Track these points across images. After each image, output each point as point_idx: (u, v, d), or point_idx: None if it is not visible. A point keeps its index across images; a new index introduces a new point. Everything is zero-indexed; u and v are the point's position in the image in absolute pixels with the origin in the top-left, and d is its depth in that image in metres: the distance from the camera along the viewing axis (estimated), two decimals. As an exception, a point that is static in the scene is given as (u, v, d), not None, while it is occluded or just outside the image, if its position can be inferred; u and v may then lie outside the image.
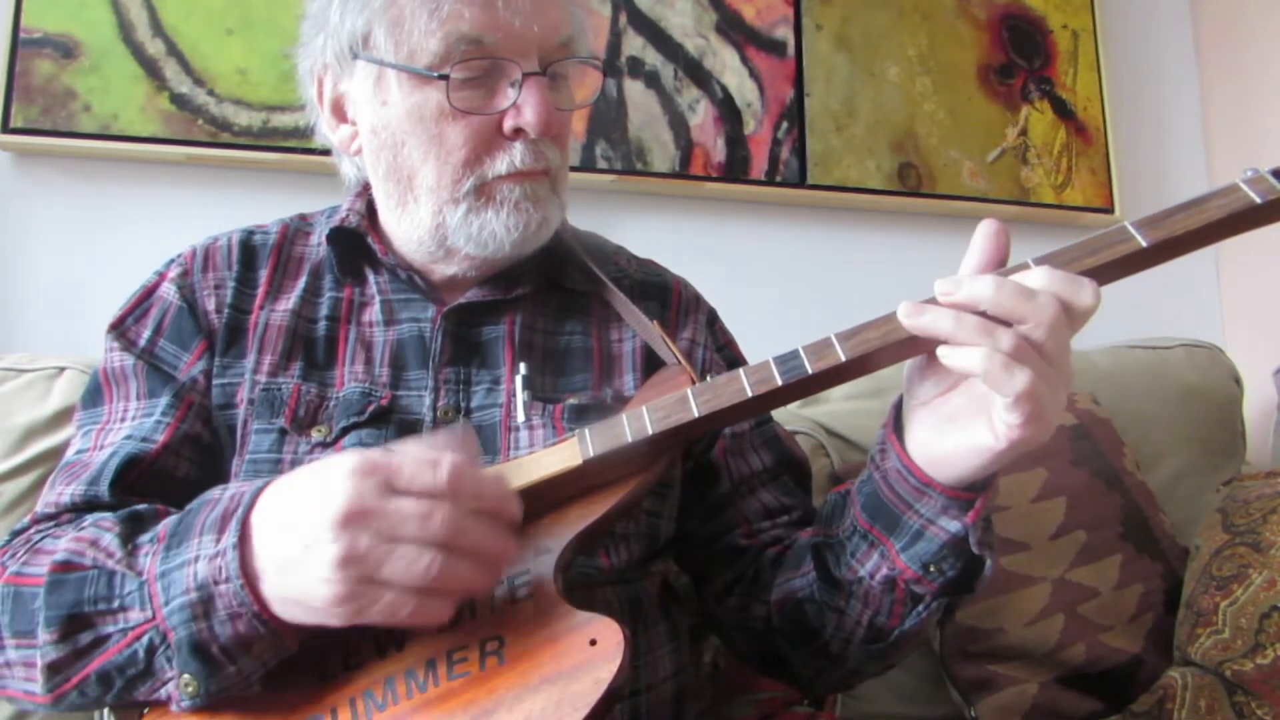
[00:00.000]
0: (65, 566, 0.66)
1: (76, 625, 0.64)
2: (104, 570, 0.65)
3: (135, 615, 0.63)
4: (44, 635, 0.64)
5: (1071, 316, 0.59)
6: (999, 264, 0.63)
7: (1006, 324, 0.59)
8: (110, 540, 0.67)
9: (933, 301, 0.61)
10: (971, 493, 0.67)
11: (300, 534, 0.59)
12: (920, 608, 0.73)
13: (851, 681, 0.85)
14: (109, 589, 0.64)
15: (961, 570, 0.70)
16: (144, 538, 0.67)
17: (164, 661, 0.63)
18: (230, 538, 0.61)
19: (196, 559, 0.61)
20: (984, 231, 0.63)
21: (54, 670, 0.65)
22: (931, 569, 0.69)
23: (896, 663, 0.82)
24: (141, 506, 0.72)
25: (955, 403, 0.65)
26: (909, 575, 0.70)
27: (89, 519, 0.72)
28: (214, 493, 0.66)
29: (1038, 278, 0.59)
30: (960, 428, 0.64)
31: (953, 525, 0.67)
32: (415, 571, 0.57)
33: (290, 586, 0.59)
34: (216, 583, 0.60)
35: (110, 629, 0.64)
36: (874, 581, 0.73)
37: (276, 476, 0.64)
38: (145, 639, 0.63)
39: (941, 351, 0.60)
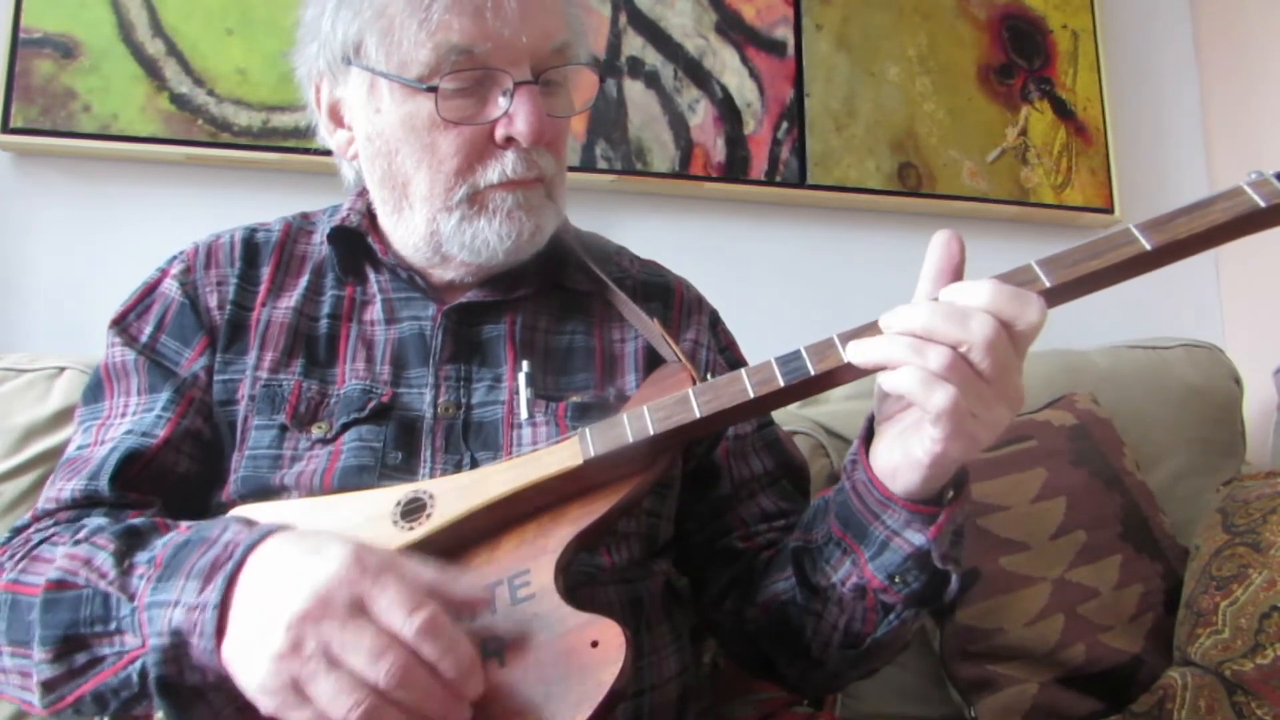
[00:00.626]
0: (59, 585, 0.65)
1: (72, 646, 0.64)
2: (98, 591, 0.64)
3: (130, 640, 0.63)
4: (39, 653, 0.64)
5: (1015, 334, 0.60)
6: (954, 271, 0.64)
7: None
8: (104, 559, 0.66)
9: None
10: (936, 507, 0.67)
11: (264, 611, 0.57)
12: (891, 617, 0.73)
13: (836, 684, 0.85)
14: (105, 610, 0.64)
15: (927, 583, 0.70)
16: (141, 557, 0.65)
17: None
18: (214, 595, 0.59)
19: (176, 604, 0.60)
20: (935, 242, 0.65)
21: (49, 688, 0.64)
22: (896, 580, 0.70)
23: (879, 668, 0.83)
24: (138, 520, 0.70)
25: (911, 416, 0.65)
26: (875, 584, 0.71)
27: (87, 525, 0.71)
28: (215, 528, 0.64)
29: (980, 295, 0.60)
30: (905, 440, 0.65)
31: (916, 538, 0.68)
32: (338, 704, 0.55)
33: (235, 657, 0.58)
34: (189, 634, 0.59)
35: (106, 651, 0.63)
36: (845, 589, 0.74)
37: (275, 530, 0.62)
38: (139, 663, 0.62)
39: (880, 377, 0.62)
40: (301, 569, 0.58)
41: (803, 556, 0.77)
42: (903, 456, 0.65)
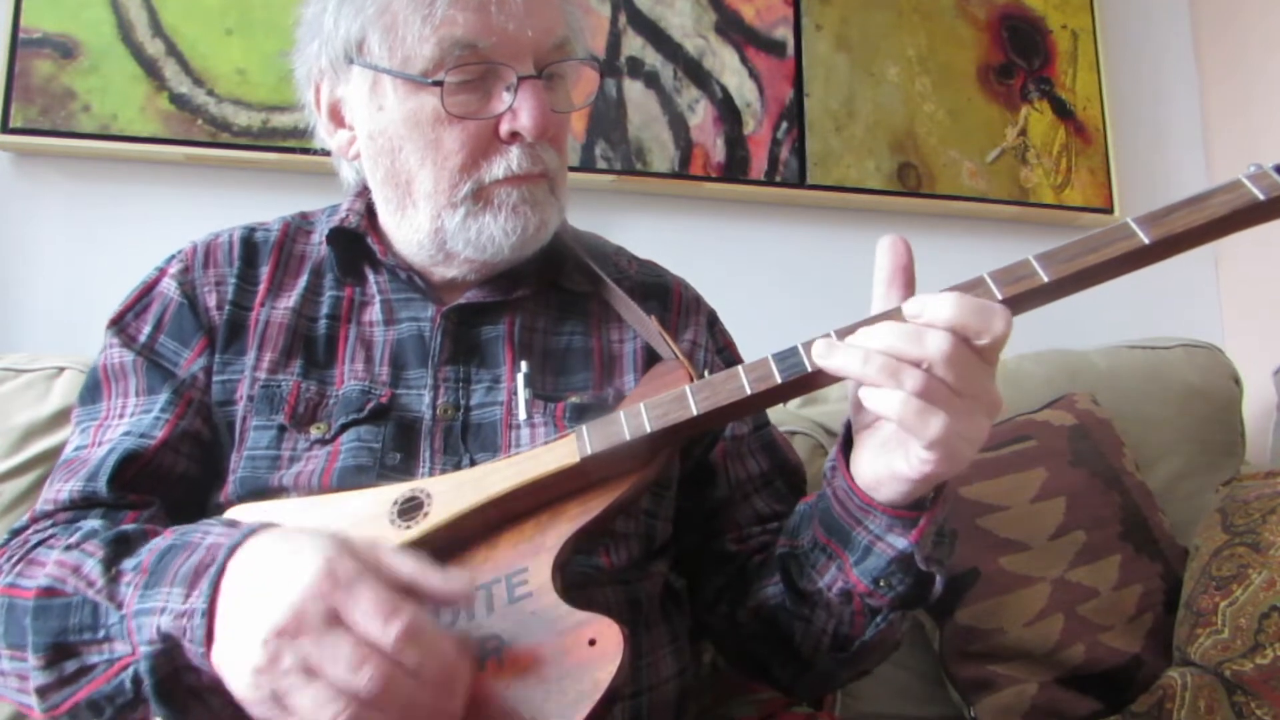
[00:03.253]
0: (49, 592, 0.65)
1: (61, 654, 0.64)
2: (87, 600, 0.64)
3: (120, 647, 0.62)
4: (32, 660, 0.64)
5: (980, 348, 0.60)
6: (904, 271, 0.65)
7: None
8: (92, 567, 0.65)
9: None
10: (916, 511, 0.67)
11: (243, 624, 0.57)
12: (879, 619, 0.74)
13: (829, 685, 0.86)
14: (94, 618, 0.64)
15: (913, 585, 0.70)
16: (128, 564, 0.65)
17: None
18: (200, 601, 0.59)
19: (163, 610, 0.60)
20: (881, 246, 0.66)
21: (43, 695, 0.64)
22: (881, 583, 0.71)
23: (870, 668, 0.83)
24: (130, 527, 0.70)
25: (888, 429, 0.65)
26: (861, 589, 0.72)
27: (80, 530, 0.71)
28: (196, 533, 0.64)
29: (943, 310, 0.59)
30: (887, 453, 0.65)
31: (899, 542, 0.68)
32: (320, 716, 0.54)
33: (222, 664, 0.58)
34: (179, 639, 0.59)
35: (96, 659, 0.63)
36: (832, 593, 0.74)
37: (255, 530, 0.62)
38: (130, 670, 0.62)
39: (861, 393, 0.61)
40: (277, 577, 0.57)
41: (789, 562, 0.78)
42: (886, 470, 0.65)
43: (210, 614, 0.58)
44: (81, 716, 0.65)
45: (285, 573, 0.57)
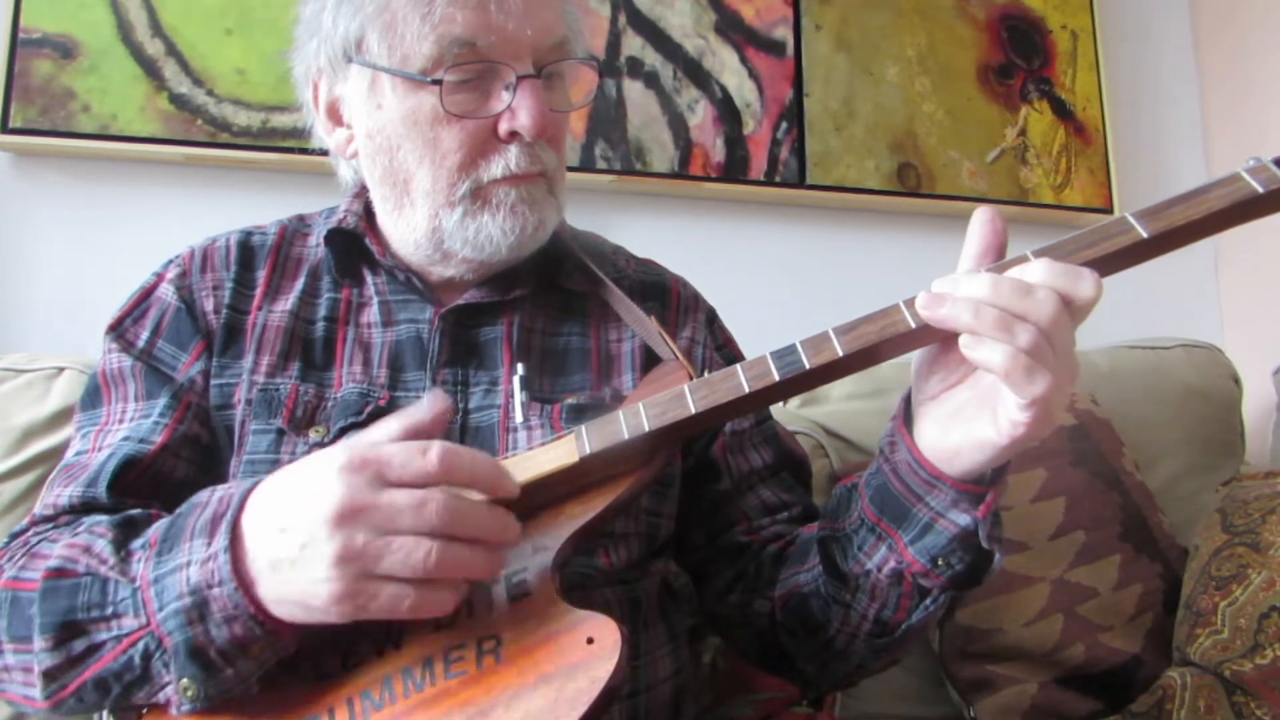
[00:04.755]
0: (59, 573, 0.66)
1: (70, 633, 0.64)
2: (97, 577, 0.65)
3: (129, 622, 0.63)
4: (39, 642, 0.64)
5: (1073, 310, 0.59)
6: (997, 251, 0.63)
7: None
8: (103, 546, 0.66)
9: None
10: (981, 486, 0.66)
11: (295, 534, 0.58)
12: (928, 601, 0.72)
13: (855, 677, 0.84)
14: (102, 596, 0.64)
15: (969, 563, 0.69)
16: (136, 543, 0.66)
17: (160, 667, 0.63)
18: (221, 540, 0.60)
19: (189, 564, 0.61)
20: (979, 219, 0.63)
21: (50, 677, 0.64)
22: (940, 562, 0.69)
23: (900, 658, 0.82)
24: (135, 511, 0.72)
25: (961, 397, 0.64)
26: (916, 568, 0.70)
27: (85, 522, 0.72)
28: (203, 495, 0.66)
29: (1036, 271, 0.59)
30: (965, 422, 0.63)
31: (963, 519, 0.67)
32: (414, 563, 0.57)
33: (288, 586, 0.59)
34: (210, 586, 0.60)
35: (104, 636, 0.64)
36: (881, 574, 0.72)
37: (265, 476, 0.64)
38: (140, 645, 0.62)
39: (964, 342, 0.59)
40: (307, 485, 0.60)
41: (830, 545, 0.76)
42: (966, 439, 0.63)
43: (234, 549, 0.60)
44: (87, 698, 0.65)
45: (311, 477, 0.60)
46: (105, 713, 0.70)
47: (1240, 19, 1.94)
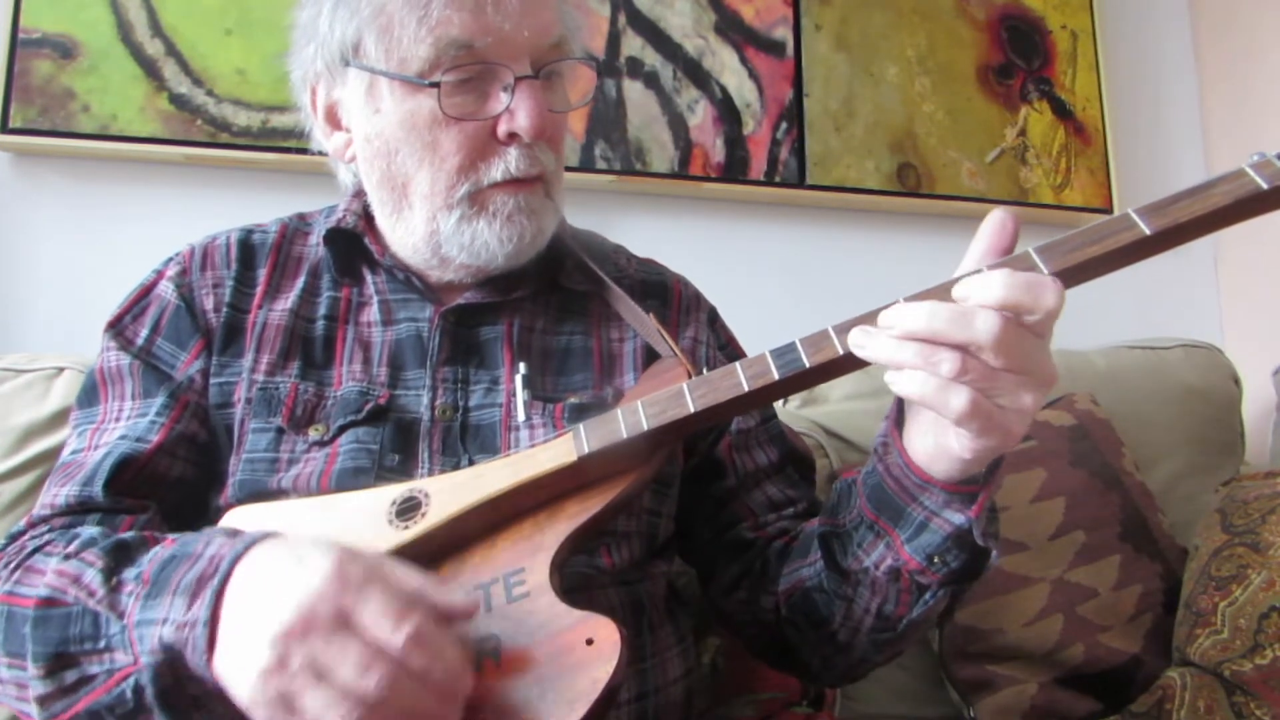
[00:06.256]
0: (49, 602, 0.65)
1: (62, 664, 0.64)
2: (87, 610, 0.64)
3: (121, 657, 0.62)
4: (32, 669, 0.64)
5: (1033, 322, 0.58)
6: (1003, 254, 0.62)
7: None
8: (92, 577, 0.65)
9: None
10: (973, 486, 0.66)
11: (250, 629, 0.57)
12: (927, 596, 0.72)
13: (859, 670, 0.85)
14: (94, 629, 0.64)
15: (965, 560, 0.70)
16: (129, 574, 0.65)
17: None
18: (203, 611, 0.59)
19: (165, 621, 0.60)
20: (993, 221, 0.62)
21: (43, 704, 0.64)
22: (935, 560, 0.69)
23: (904, 650, 0.82)
24: (128, 535, 0.70)
25: None
26: (913, 566, 0.70)
27: (79, 538, 0.71)
28: (198, 543, 0.64)
29: (988, 289, 0.58)
30: (941, 432, 0.64)
31: (956, 518, 0.67)
32: (328, 717, 0.55)
33: (226, 671, 0.58)
34: (181, 649, 0.59)
35: (96, 669, 0.63)
36: (879, 571, 0.72)
37: (259, 540, 0.62)
38: (131, 680, 0.62)
39: (888, 377, 0.60)
40: (285, 582, 0.58)
41: (831, 541, 0.76)
42: (937, 448, 0.64)
43: (213, 624, 0.59)
44: None
45: (292, 577, 0.58)
46: None
47: (1240, 19, 1.94)
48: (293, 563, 0.59)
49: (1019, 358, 0.58)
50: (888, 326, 0.60)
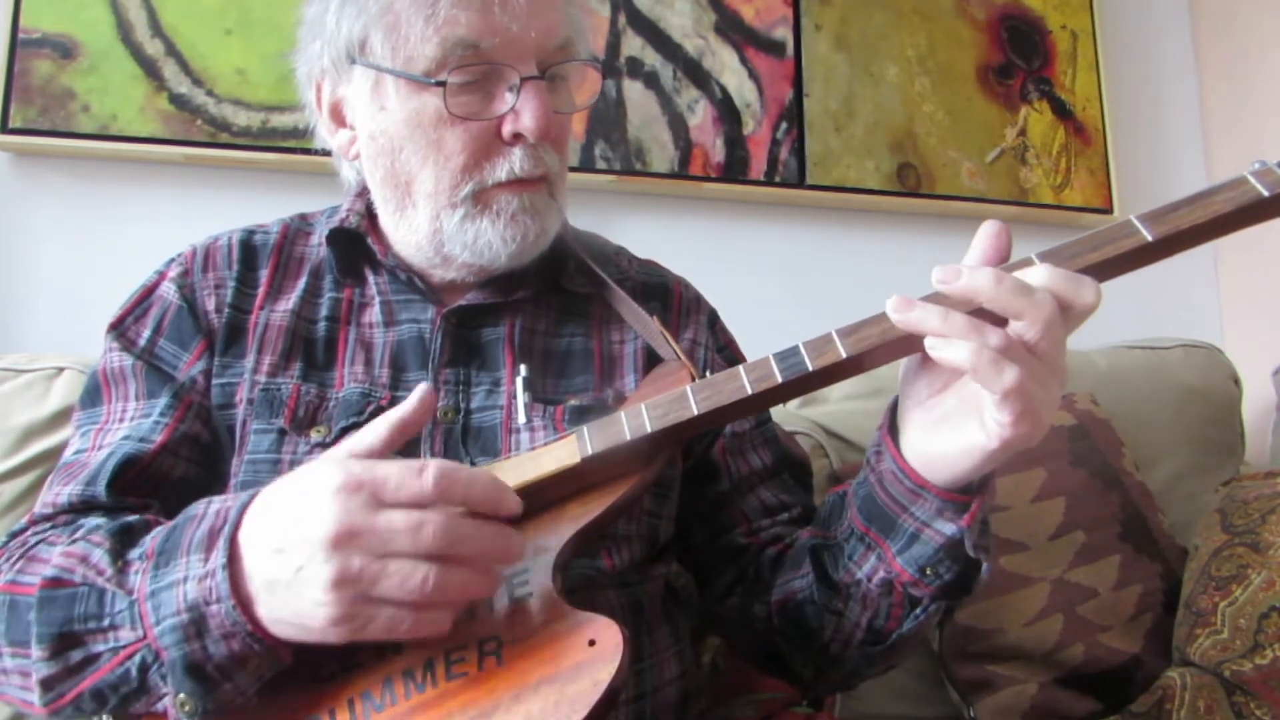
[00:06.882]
0: (55, 583, 0.65)
1: (67, 643, 0.64)
2: (94, 588, 0.64)
3: (126, 634, 0.62)
4: (36, 651, 0.64)
5: (1069, 315, 0.59)
6: (999, 264, 0.62)
7: (997, 322, 0.58)
8: (100, 556, 0.66)
9: (931, 297, 0.61)
10: (967, 495, 0.66)
11: (291, 556, 0.58)
12: (918, 610, 0.72)
13: (852, 682, 0.85)
14: (99, 607, 0.64)
15: (958, 573, 0.69)
16: (134, 553, 0.66)
17: (158, 679, 0.62)
18: (219, 558, 0.60)
19: (185, 579, 0.61)
20: (986, 231, 0.63)
21: (47, 686, 0.64)
22: (928, 572, 0.69)
23: (897, 664, 0.82)
24: (132, 518, 0.71)
25: (948, 403, 0.64)
26: (905, 578, 0.70)
27: (83, 527, 0.71)
28: (199, 507, 0.65)
29: (1038, 275, 0.59)
30: (953, 428, 0.63)
31: (948, 528, 0.67)
32: (410, 587, 0.56)
33: (284, 608, 0.59)
34: (208, 604, 0.59)
35: (101, 648, 0.63)
36: (871, 584, 0.72)
37: (260, 489, 0.63)
38: (137, 658, 0.62)
39: (930, 343, 0.59)
40: (303, 505, 0.59)
41: (822, 553, 0.76)
42: (954, 445, 0.63)
43: (232, 567, 0.59)
44: (85, 707, 0.65)
45: (307, 494, 0.59)
46: (104, 718, 0.70)
47: (1240, 19, 1.94)
48: (297, 487, 0.60)
49: (1054, 344, 0.58)
50: (941, 281, 0.59)
